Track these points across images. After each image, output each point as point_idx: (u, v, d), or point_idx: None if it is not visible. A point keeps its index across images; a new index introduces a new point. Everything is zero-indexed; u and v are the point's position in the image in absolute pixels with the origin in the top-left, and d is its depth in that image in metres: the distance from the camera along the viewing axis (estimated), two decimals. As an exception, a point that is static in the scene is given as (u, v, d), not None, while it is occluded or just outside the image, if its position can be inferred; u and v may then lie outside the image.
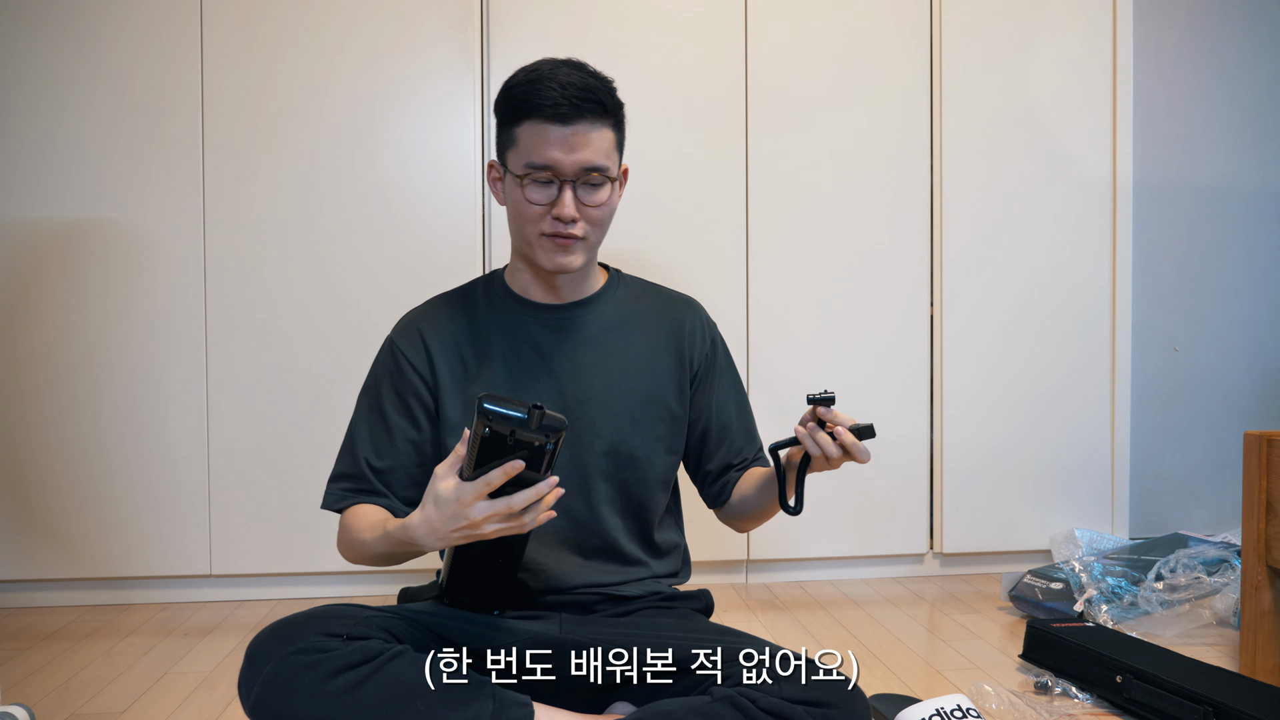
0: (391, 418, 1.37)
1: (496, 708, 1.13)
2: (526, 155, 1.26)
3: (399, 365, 1.37)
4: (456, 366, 1.36)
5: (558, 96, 1.23)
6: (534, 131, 1.25)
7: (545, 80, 1.24)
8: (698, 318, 1.46)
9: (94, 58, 2.29)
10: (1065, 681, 1.69)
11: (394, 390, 1.37)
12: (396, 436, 1.37)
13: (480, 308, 1.40)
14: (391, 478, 1.37)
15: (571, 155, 1.25)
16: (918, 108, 2.53)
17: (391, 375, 1.38)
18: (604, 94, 1.27)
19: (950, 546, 2.56)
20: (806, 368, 2.49)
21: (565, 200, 1.26)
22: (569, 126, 1.24)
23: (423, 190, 2.38)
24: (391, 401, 1.37)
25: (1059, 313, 2.59)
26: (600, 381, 1.37)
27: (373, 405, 1.39)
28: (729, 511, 1.49)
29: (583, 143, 1.25)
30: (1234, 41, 2.74)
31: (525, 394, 1.34)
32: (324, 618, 1.18)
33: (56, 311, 2.30)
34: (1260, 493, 1.73)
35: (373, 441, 1.37)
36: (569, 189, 1.26)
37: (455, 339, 1.37)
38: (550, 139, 1.25)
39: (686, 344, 1.43)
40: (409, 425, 1.37)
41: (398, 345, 1.39)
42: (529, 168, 1.26)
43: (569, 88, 1.23)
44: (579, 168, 1.26)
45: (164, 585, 2.36)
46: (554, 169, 1.25)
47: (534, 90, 1.24)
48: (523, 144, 1.27)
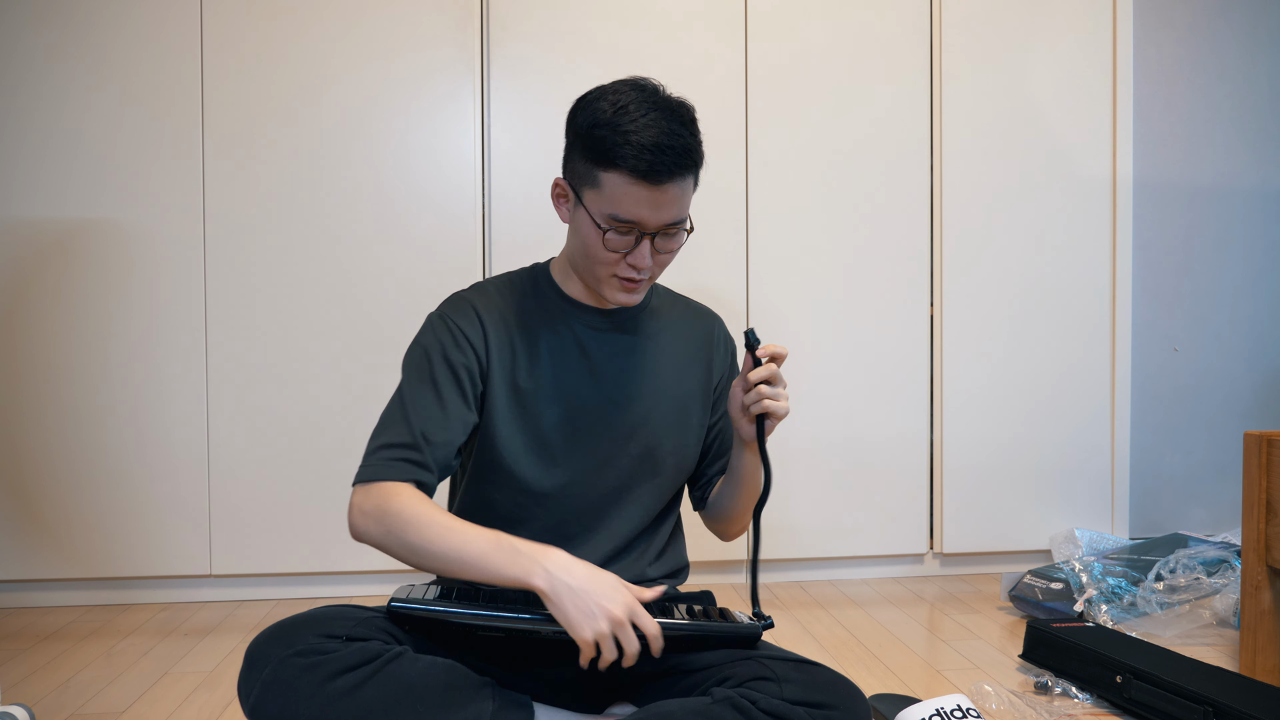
0: (445, 390, 1.28)
1: (497, 708, 1.13)
2: (611, 206, 1.22)
3: (455, 338, 1.30)
4: (506, 352, 1.34)
5: (653, 160, 1.18)
6: (621, 185, 1.20)
7: (638, 134, 1.18)
8: (722, 331, 1.50)
9: (94, 57, 2.29)
10: (1065, 681, 1.69)
11: (447, 363, 1.29)
12: (450, 411, 1.27)
13: (529, 301, 1.38)
14: (440, 453, 1.25)
15: (659, 214, 1.22)
16: (918, 107, 2.53)
17: (445, 347, 1.29)
18: (695, 147, 1.22)
19: (950, 546, 2.56)
20: (806, 367, 2.49)
21: (643, 253, 1.25)
22: (660, 187, 1.20)
23: (423, 190, 2.38)
24: (445, 374, 1.28)
25: (1059, 313, 2.59)
26: (640, 386, 1.38)
27: (424, 376, 1.28)
28: (709, 511, 1.50)
29: (671, 200, 1.22)
30: (1234, 41, 2.74)
31: (569, 394, 1.35)
32: (323, 619, 1.17)
33: (57, 311, 2.30)
34: (1260, 493, 1.73)
35: (426, 412, 1.26)
36: (648, 240, 1.24)
37: (507, 324, 1.35)
38: (640, 199, 1.20)
39: (714, 355, 1.46)
40: (461, 401, 1.28)
41: (451, 318, 1.32)
42: (613, 220, 1.22)
43: (666, 152, 1.18)
44: (663, 224, 1.24)
45: (164, 585, 2.36)
46: (639, 225, 1.23)
47: (625, 142, 1.18)
48: (607, 192, 1.22)
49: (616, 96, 1.23)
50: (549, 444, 1.34)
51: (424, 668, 1.14)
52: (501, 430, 1.32)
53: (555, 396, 1.34)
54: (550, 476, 1.34)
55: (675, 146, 1.19)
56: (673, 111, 1.23)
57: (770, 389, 1.27)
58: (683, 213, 1.25)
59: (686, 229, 1.27)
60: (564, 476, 1.34)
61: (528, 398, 1.33)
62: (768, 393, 1.27)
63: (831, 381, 2.51)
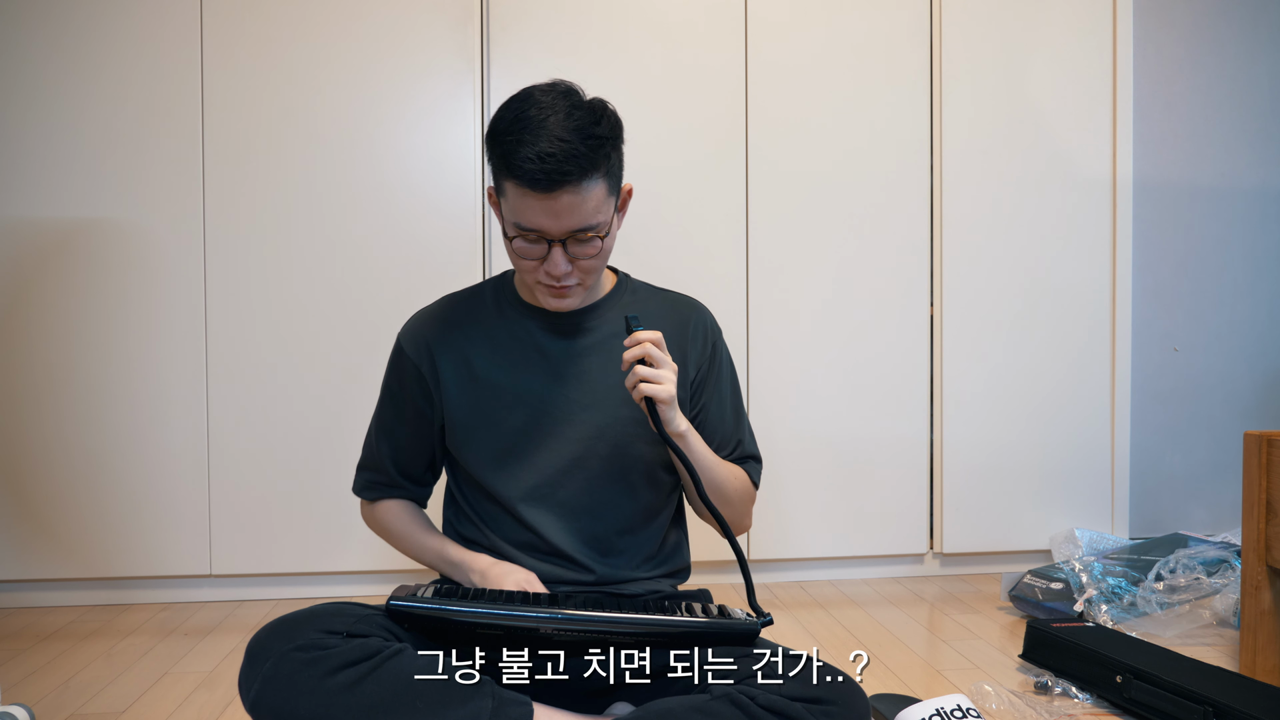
0: (400, 415, 1.43)
1: (496, 706, 1.13)
2: (514, 215, 1.22)
3: (403, 367, 1.41)
4: (461, 369, 1.37)
5: (536, 170, 1.16)
6: (517, 194, 1.20)
7: (526, 144, 1.17)
8: (701, 320, 1.46)
9: (93, 57, 2.29)
10: (1065, 681, 1.69)
11: (400, 390, 1.42)
12: (405, 433, 1.43)
13: (489, 310, 1.41)
14: (408, 467, 1.46)
15: (558, 222, 1.20)
16: (918, 107, 2.53)
17: (399, 375, 1.42)
18: (586, 151, 1.18)
19: (950, 546, 2.56)
20: (806, 366, 2.49)
21: (555, 259, 1.24)
22: (552, 196, 1.18)
23: (423, 190, 2.38)
24: (398, 401, 1.43)
25: (1059, 313, 2.59)
26: (605, 386, 1.37)
27: (385, 402, 1.45)
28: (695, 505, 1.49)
29: (568, 209, 1.19)
30: (1234, 41, 2.74)
31: (532, 398, 1.35)
32: (324, 615, 1.18)
33: (57, 311, 2.30)
34: (1260, 493, 1.72)
35: (388, 437, 1.44)
36: (559, 247, 1.23)
37: (460, 341, 1.38)
38: (536, 208, 1.20)
39: (689, 346, 1.43)
40: (414, 425, 1.42)
41: (404, 347, 1.42)
42: (518, 228, 1.22)
43: (548, 159, 1.15)
44: (566, 231, 1.22)
45: (164, 585, 2.36)
46: (542, 233, 1.22)
47: (514, 152, 1.18)
48: (510, 201, 1.22)
49: (519, 104, 1.22)
50: (514, 449, 1.35)
51: (424, 664, 1.14)
52: (463, 441, 1.37)
53: (516, 401, 1.35)
54: (517, 482, 1.35)
55: (559, 154, 1.16)
56: (572, 117, 1.19)
57: (647, 369, 1.24)
58: (588, 220, 1.22)
59: (600, 235, 1.24)
60: (532, 480, 1.35)
61: (488, 406, 1.36)
62: (643, 373, 1.24)
63: (831, 381, 2.51)
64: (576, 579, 1.36)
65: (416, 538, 1.43)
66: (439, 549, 1.39)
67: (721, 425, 1.44)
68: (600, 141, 1.20)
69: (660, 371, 1.25)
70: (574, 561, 1.36)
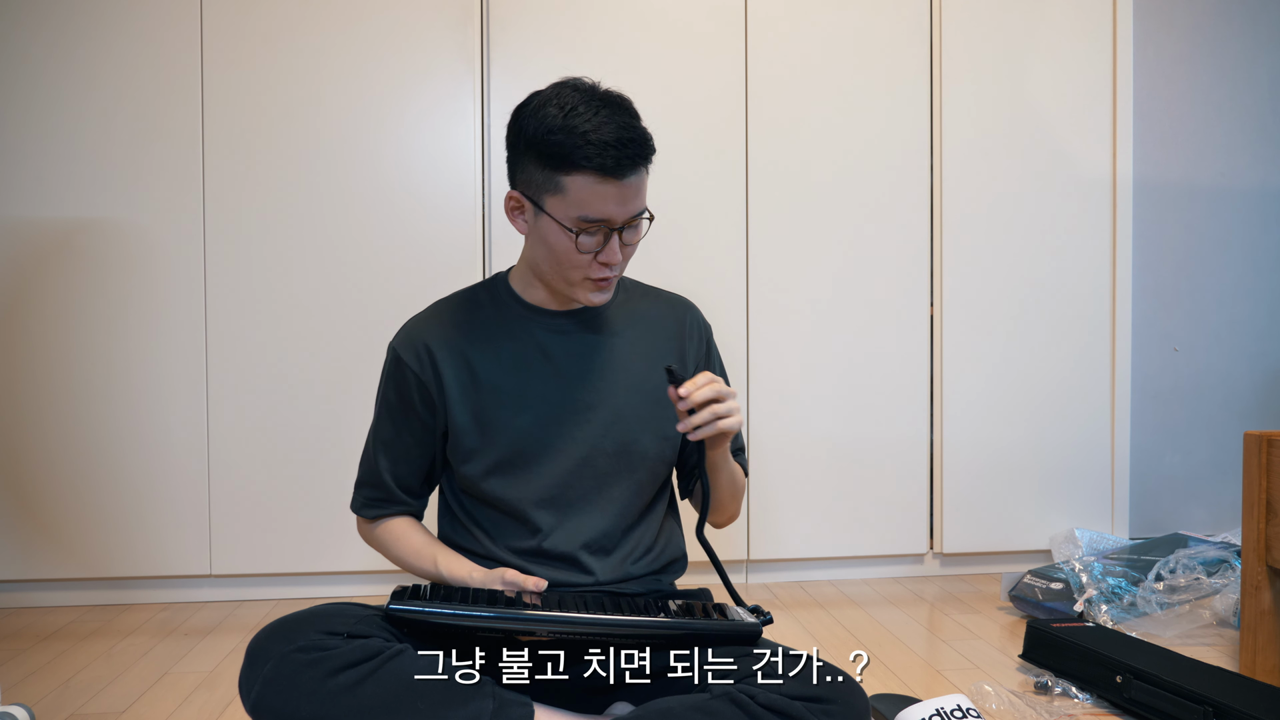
0: (400, 427, 1.39)
1: (496, 707, 1.13)
2: (579, 208, 1.22)
3: (403, 376, 1.37)
4: (463, 373, 1.36)
5: (619, 155, 1.19)
6: (587, 186, 1.21)
7: (596, 132, 1.19)
8: (695, 319, 1.47)
9: (94, 57, 2.29)
10: (1065, 681, 1.69)
11: (399, 401, 1.38)
12: (406, 444, 1.39)
13: (487, 313, 1.39)
14: (407, 481, 1.42)
15: (626, 208, 1.23)
16: (918, 108, 2.53)
17: (397, 385, 1.38)
18: (649, 135, 1.24)
19: (950, 546, 2.56)
20: (806, 366, 2.49)
21: (614, 248, 1.26)
22: (625, 181, 1.21)
23: (423, 190, 2.38)
24: (398, 412, 1.38)
25: (1059, 313, 2.59)
26: (609, 384, 1.37)
27: (382, 415, 1.41)
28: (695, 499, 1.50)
29: (634, 191, 1.23)
30: (1234, 41, 2.74)
31: (535, 398, 1.34)
32: (324, 616, 1.18)
33: (57, 311, 2.30)
34: (1260, 493, 1.72)
35: (387, 451, 1.41)
36: (617, 235, 1.25)
37: (460, 345, 1.37)
38: (607, 196, 1.21)
39: (686, 344, 1.44)
40: (415, 435, 1.39)
41: (401, 355, 1.38)
42: (583, 221, 1.23)
43: (628, 145, 1.20)
44: (630, 215, 1.25)
45: (164, 585, 2.36)
46: (607, 222, 1.24)
47: (585, 143, 1.19)
48: (573, 195, 1.22)
49: (561, 99, 1.23)
50: (522, 453, 1.34)
51: (425, 665, 1.14)
52: (468, 447, 1.35)
53: (521, 404, 1.34)
54: (526, 486, 1.34)
55: (634, 139, 1.21)
56: (620, 105, 1.24)
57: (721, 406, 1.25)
58: (644, 201, 1.27)
59: (647, 218, 1.28)
60: (542, 482, 1.34)
61: (493, 410, 1.34)
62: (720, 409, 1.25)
63: (831, 381, 2.51)
64: (576, 581, 1.36)
65: (405, 555, 1.41)
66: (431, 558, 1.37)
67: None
68: (644, 126, 1.26)
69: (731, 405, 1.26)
70: (576, 564, 1.36)
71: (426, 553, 1.38)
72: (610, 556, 1.38)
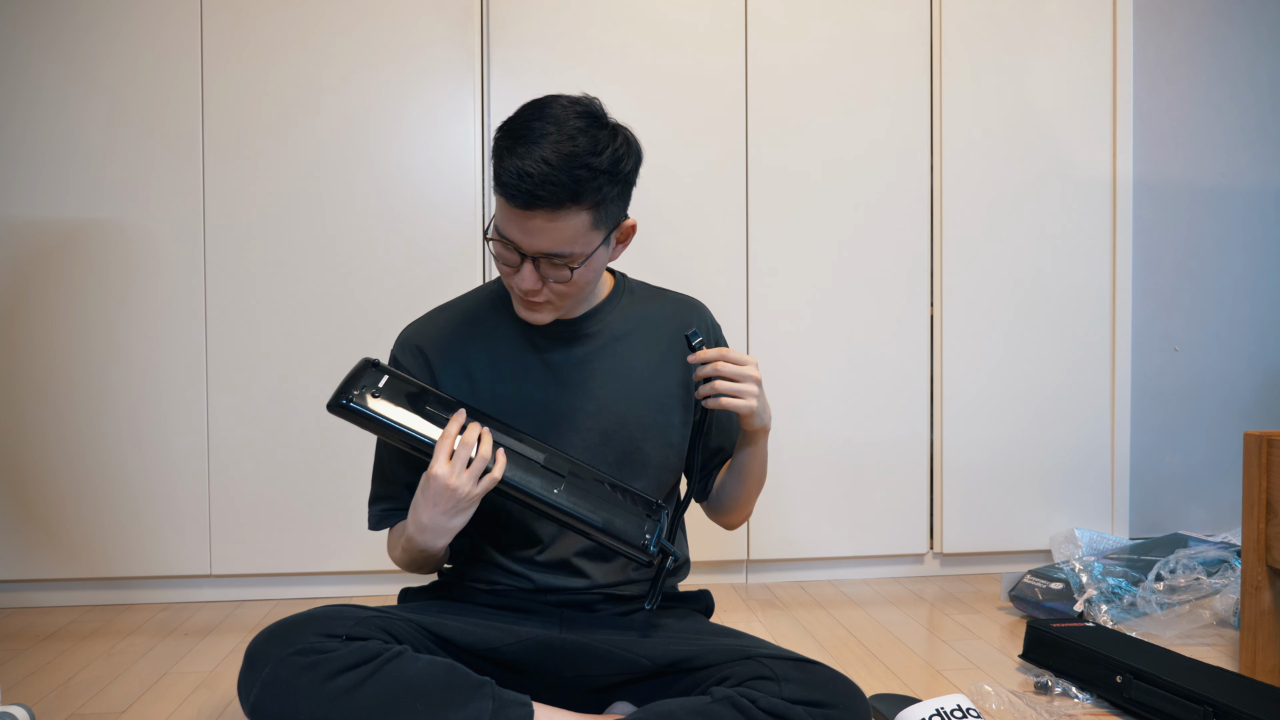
0: None
1: (496, 708, 1.13)
2: (497, 218, 1.23)
3: None
4: (462, 381, 1.35)
5: (512, 185, 1.15)
6: (499, 200, 1.20)
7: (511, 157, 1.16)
8: (704, 320, 1.47)
9: (94, 57, 2.29)
10: (1065, 681, 1.69)
11: None
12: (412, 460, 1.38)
13: (487, 320, 1.39)
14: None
15: (528, 239, 1.19)
16: (918, 108, 2.53)
17: None
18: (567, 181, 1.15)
19: (950, 546, 2.56)
20: (806, 366, 2.49)
21: (523, 274, 1.23)
22: (526, 213, 1.17)
23: (423, 190, 2.38)
24: None
25: (1059, 313, 2.59)
26: (611, 391, 1.36)
27: None
28: (712, 504, 1.49)
29: (539, 230, 1.18)
30: (1234, 41, 2.74)
31: (536, 408, 1.34)
32: (323, 618, 1.18)
33: (57, 311, 2.30)
34: (1260, 493, 1.73)
35: (402, 461, 1.38)
36: (529, 263, 1.22)
37: (460, 352, 1.36)
38: (510, 219, 1.19)
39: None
40: None
41: (401, 361, 1.38)
42: (497, 232, 1.23)
43: (525, 179, 1.14)
44: (536, 251, 1.21)
45: (164, 585, 2.36)
46: (515, 245, 1.21)
47: (500, 160, 1.18)
48: (497, 203, 1.22)
49: (533, 111, 1.20)
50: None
51: (423, 667, 1.14)
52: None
53: (521, 413, 1.34)
54: None
55: (536, 176, 1.14)
56: (570, 140, 1.16)
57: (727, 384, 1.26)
58: (559, 247, 1.19)
59: (570, 265, 1.22)
60: None
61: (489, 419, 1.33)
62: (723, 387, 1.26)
63: (831, 382, 2.51)
64: (570, 586, 1.36)
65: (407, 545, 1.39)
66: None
67: (729, 422, 1.45)
68: (592, 174, 1.16)
69: (741, 386, 1.26)
70: (574, 570, 1.36)
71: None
72: (612, 561, 1.38)
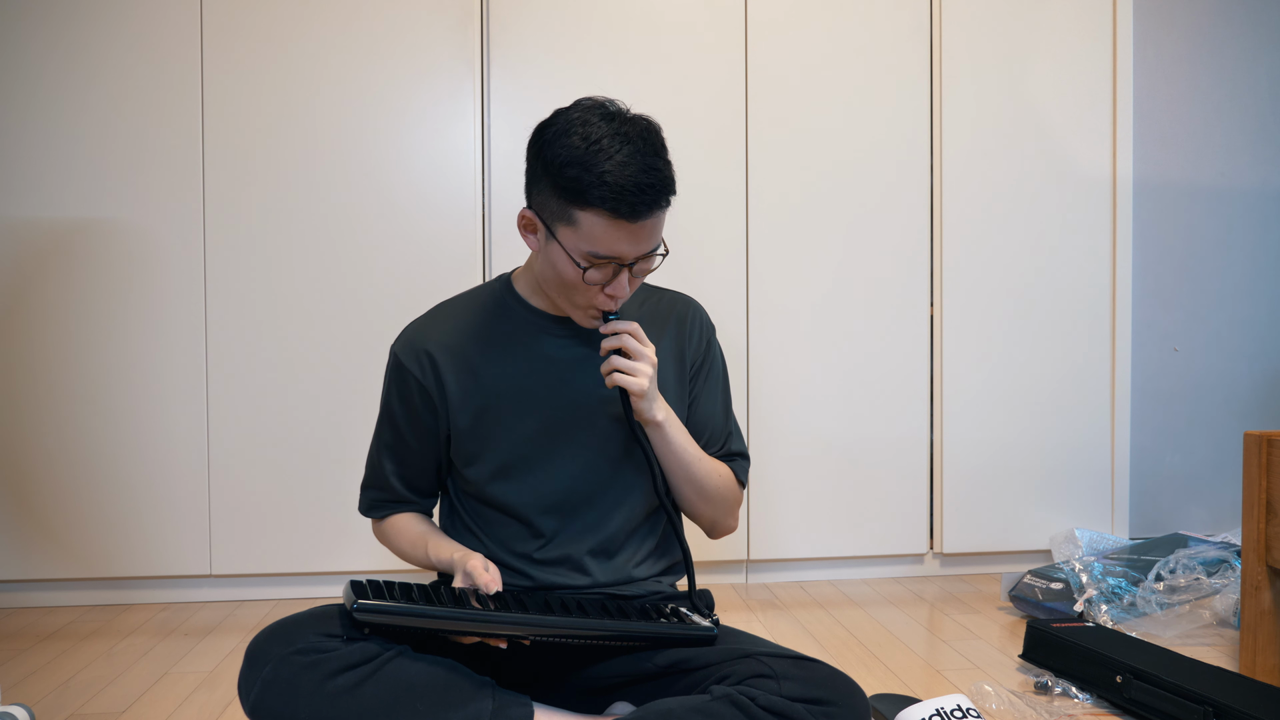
0: (403, 431, 1.39)
1: (496, 707, 1.13)
2: (589, 244, 1.19)
3: (404, 380, 1.37)
4: (465, 377, 1.35)
5: (634, 201, 1.15)
6: (598, 224, 1.17)
7: (614, 173, 1.15)
8: (697, 316, 1.47)
9: (94, 57, 2.29)
10: (1065, 681, 1.69)
11: (402, 405, 1.38)
12: (410, 447, 1.40)
13: (489, 317, 1.39)
14: (414, 482, 1.43)
15: (638, 247, 1.21)
16: (918, 108, 2.53)
17: (399, 390, 1.38)
18: (671, 176, 1.20)
19: (950, 546, 2.56)
20: (806, 367, 2.49)
21: (621, 283, 1.23)
22: (638, 222, 1.18)
23: (423, 190, 2.38)
24: (401, 416, 1.38)
25: (1059, 313, 2.59)
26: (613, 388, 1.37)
27: (385, 418, 1.42)
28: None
29: (649, 232, 1.20)
30: (1234, 41, 2.74)
31: (538, 404, 1.34)
32: (324, 618, 1.18)
33: (57, 311, 2.30)
34: (1260, 493, 1.73)
35: (390, 453, 1.41)
36: (627, 270, 1.23)
37: (463, 349, 1.36)
38: (619, 236, 1.18)
39: (686, 342, 1.43)
40: (419, 438, 1.39)
41: (402, 360, 1.37)
42: (593, 257, 1.20)
43: (646, 191, 1.15)
44: (642, 254, 1.22)
45: (164, 585, 2.36)
46: (618, 259, 1.21)
47: (601, 183, 1.15)
48: (584, 230, 1.18)
49: (586, 129, 1.18)
50: (526, 458, 1.34)
51: (424, 666, 1.15)
52: (472, 451, 1.35)
53: (526, 409, 1.34)
54: (530, 491, 1.34)
55: (654, 184, 1.16)
56: (645, 141, 1.19)
57: (622, 360, 1.25)
58: (658, 239, 1.24)
59: (661, 253, 1.25)
60: (546, 487, 1.34)
61: (495, 414, 1.34)
62: (619, 364, 1.25)
63: (832, 381, 2.51)
64: (574, 584, 1.36)
65: (411, 551, 1.40)
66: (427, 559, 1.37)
67: (712, 421, 1.44)
68: (670, 159, 1.21)
69: (636, 364, 1.26)
70: (577, 567, 1.36)
71: (420, 542, 1.38)
72: (613, 560, 1.38)
